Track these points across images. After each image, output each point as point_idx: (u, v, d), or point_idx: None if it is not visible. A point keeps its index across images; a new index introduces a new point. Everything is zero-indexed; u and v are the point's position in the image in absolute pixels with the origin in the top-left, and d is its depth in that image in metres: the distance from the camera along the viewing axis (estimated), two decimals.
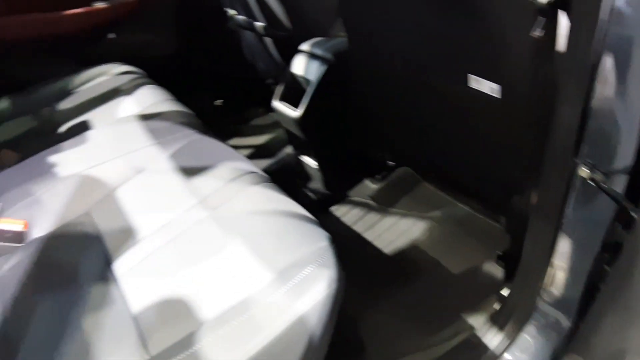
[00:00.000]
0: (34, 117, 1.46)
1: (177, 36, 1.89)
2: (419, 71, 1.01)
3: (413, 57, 1.01)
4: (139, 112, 1.26)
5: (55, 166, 1.08)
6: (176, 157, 1.05)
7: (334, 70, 1.28)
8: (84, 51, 1.74)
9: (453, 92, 0.94)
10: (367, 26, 1.09)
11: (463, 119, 0.98)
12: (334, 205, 1.45)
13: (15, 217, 0.97)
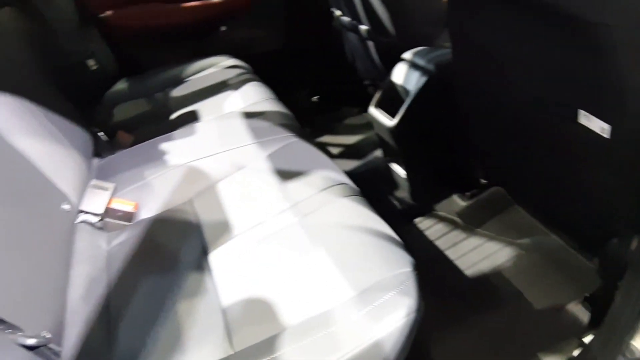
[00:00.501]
0: (148, 101, 1.60)
1: (284, 33, 1.96)
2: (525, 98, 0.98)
3: (520, 83, 0.98)
4: (243, 109, 1.34)
5: (166, 154, 1.18)
6: (273, 158, 1.11)
7: (434, 83, 1.26)
8: (197, 42, 1.86)
9: (559, 124, 0.90)
10: (475, 43, 1.07)
11: (566, 153, 0.94)
12: (419, 217, 1.45)
13: (127, 198, 1.08)
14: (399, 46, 1.49)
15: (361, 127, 1.96)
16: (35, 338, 0.63)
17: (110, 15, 1.68)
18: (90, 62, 1.60)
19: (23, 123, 0.95)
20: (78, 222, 1.01)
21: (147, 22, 1.75)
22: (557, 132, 0.93)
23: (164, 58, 1.79)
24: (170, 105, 1.52)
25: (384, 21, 1.52)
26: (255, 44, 1.95)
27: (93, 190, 1.06)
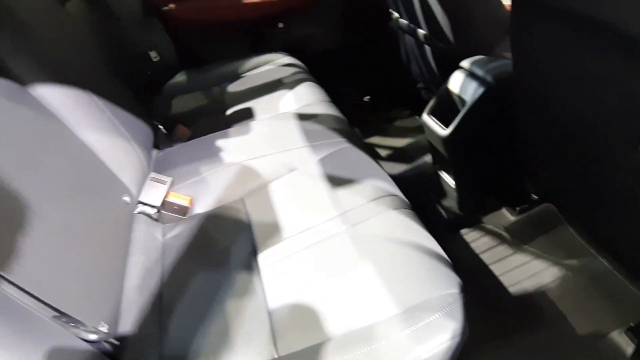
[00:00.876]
0: (205, 94, 1.65)
1: (340, 32, 1.97)
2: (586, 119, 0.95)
3: (583, 103, 0.95)
4: (297, 110, 1.36)
5: (221, 151, 1.21)
6: (325, 162, 1.12)
7: (492, 95, 1.24)
8: (255, 37, 1.89)
9: (620, 149, 0.87)
10: (537, 57, 1.04)
11: (623, 178, 0.91)
12: (465, 228, 1.43)
13: (183, 193, 1.13)
14: (457, 53, 1.47)
15: (412, 130, 1.95)
16: (95, 333, 0.67)
17: (173, 8, 1.73)
18: (153, 53, 1.66)
19: (90, 117, 1.00)
20: (136, 212, 1.07)
21: (207, 16, 1.79)
22: (616, 156, 0.90)
23: (221, 52, 1.83)
24: (226, 100, 1.56)
25: (443, 27, 1.50)
26: (311, 41, 1.97)
27: (152, 182, 1.11)
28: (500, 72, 1.25)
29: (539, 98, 1.11)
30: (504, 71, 1.24)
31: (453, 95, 1.34)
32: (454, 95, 1.34)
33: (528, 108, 1.17)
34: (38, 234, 0.70)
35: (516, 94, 1.19)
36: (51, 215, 0.76)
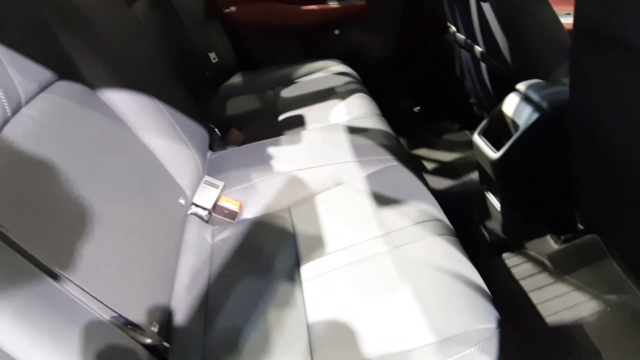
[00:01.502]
0: (259, 97, 1.70)
1: (395, 41, 1.97)
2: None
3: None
4: (347, 122, 1.38)
5: (272, 159, 1.26)
6: (372, 179, 1.14)
7: (546, 122, 1.22)
8: (310, 42, 1.93)
9: None
10: (597, 87, 1.02)
11: None
12: (507, 252, 1.42)
13: (233, 197, 1.18)
14: (514, 74, 1.45)
15: (460, 145, 1.94)
16: (150, 337, 0.72)
17: (234, 11, 1.79)
18: (212, 55, 1.72)
19: (153, 121, 1.06)
20: (189, 213, 1.12)
21: (267, 20, 1.84)
22: None
23: (277, 55, 1.88)
24: (279, 105, 1.60)
25: (501, 47, 1.48)
26: (365, 49, 1.98)
27: (205, 185, 1.17)
28: (556, 99, 1.23)
29: (593, 130, 1.09)
30: (560, 98, 1.22)
31: (506, 118, 1.33)
32: (507, 118, 1.32)
33: (582, 138, 1.15)
34: (100, 234, 0.76)
35: (570, 123, 1.17)
36: (113, 217, 0.82)
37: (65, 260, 0.68)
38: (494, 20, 1.43)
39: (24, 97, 0.75)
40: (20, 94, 0.74)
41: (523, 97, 1.31)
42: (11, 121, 0.71)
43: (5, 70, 0.72)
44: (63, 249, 0.69)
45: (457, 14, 1.68)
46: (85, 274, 0.69)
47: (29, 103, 0.76)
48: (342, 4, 1.84)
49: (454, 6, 1.67)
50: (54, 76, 0.85)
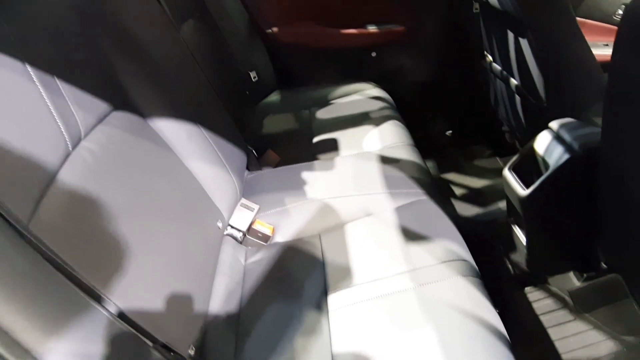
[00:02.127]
0: (295, 117, 1.75)
1: (432, 65, 2.00)
2: None
3: None
4: (380, 150, 1.42)
5: (305, 184, 1.31)
6: (401, 212, 1.18)
7: (576, 163, 1.23)
8: (348, 63, 1.98)
9: None
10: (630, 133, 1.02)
11: None
12: (530, 286, 1.44)
13: (267, 221, 1.23)
14: (547, 111, 1.47)
15: (490, 172, 1.95)
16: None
17: (276, 31, 1.85)
18: (252, 74, 1.78)
19: (198, 147, 1.13)
20: (225, 234, 1.18)
21: (307, 41, 1.90)
22: None
23: (315, 75, 1.94)
24: (314, 126, 1.65)
25: (537, 82, 1.50)
26: (401, 72, 2.02)
27: (241, 208, 1.23)
28: (588, 141, 1.24)
29: (622, 175, 1.11)
30: (592, 140, 1.23)
31: (537, 155, 1.35)
32: (538, 156, 1.34)
33: (611, 182, 1.16)
34: (143, 259, 0.82)
35: (600, 166, 1.18)
36: (157, 242, 0.88)
37: (110, 285, 0.73)
38: (531, 57, 1.45)
39: (83, 131, 0.82)
40: (81, 128, 0.81)
41: (555, 135, 1.32)
42: (72, 155, 0.77)
43: (68, 107, 0.79)
44: (108, 274, 0.75)
45: (494, 44, 1.70)
46: (128, 298, 0.75)
47: (87, 136, 0.83)
48: (380, 29, 1.88)
49: (492, 37, 1.70)
50: (109, 107, 0.92)
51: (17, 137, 0.66)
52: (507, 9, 1.45)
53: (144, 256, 0.83)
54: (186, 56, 1.32)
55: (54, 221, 0.67)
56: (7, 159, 0.63)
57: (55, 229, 0.67)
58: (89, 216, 0.75)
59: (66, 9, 0.89)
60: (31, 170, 0.67)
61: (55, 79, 0.77)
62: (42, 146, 0.70)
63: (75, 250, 0.69)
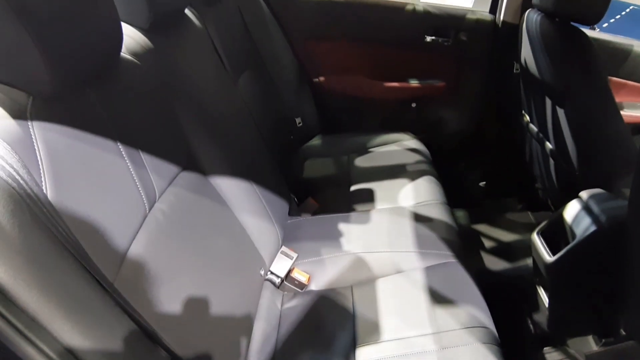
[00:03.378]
0: (335, 162, 1.86)
1: (470, 119, 2.08)
2: None
3: None
4: (414, 207, 1.51)
5: (341, 236, 1.40)
6: (430, 273, 1.26)
7: (602, 236, 1.27)
8: (387, 112, 2.08)
9: None
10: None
11: None
12: (549, 346, 1.48)
13: (303, 269, 1.33)
14: (579, 178, 1.52)
15: (521, 226, 2.00)
16: None
17: (323, 80, 1.97)
18: (298, 119, 1.90)
19: (248, 201, 1.24)
20: (265, 279, 1.29)
21: (351, 91, 2.01)
22: None
23: (356, 122, 2.04)
24: (352, 174, 1.75)
25: (570, 151, 1.55)
26: (439, 123, 2.10)
27: (281, 255, 1.33)
28: (615, 215, 1.28)
29: None
30: (619, 214, 1.27)
31: (565, 223, 1.40)
32: (566, 224, 1.40)
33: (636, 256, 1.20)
34: (198, 307, 0.93)
35: (627, 239, 1.22)
36: (209, 291, 0.99)
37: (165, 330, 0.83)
38: (567, 126, 1.50)
39: (158, 194, 0.94)
40: (156, 192, 0.93)
41: (584, 205, 1.37)
42: (148, 217, 0.89)
43: (148, 175, 0.91)
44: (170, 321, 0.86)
45: (532, 106, 1.76)
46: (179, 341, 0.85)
47: (160, 198, 0.95)
48: (422, 84, 1.98)
49: (531, 98, 1.76)
50: (178, 169, 1.04)
51: (108, 206, 0.78)
52: (546, 79, 1.52)
53: (199, 305, 0.94)
54: (243, 111, 1.44)
55: (132, 278, 0.79)
56: (99, 226, 0.75)
57: (134, 285, 0.79)
58: (159, 272, 0.86)
59: (150, 81, 1.01)
60: (117, 234, 0.79)
61: (140, 152, 0.89)
62: (127, 212, 0.83)
63: (146, 303, 0.81)
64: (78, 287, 0.65)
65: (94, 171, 0.77)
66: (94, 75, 0.83)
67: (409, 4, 1.88)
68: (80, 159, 0.75)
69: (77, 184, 0.72)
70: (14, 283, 0.57)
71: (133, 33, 1.04)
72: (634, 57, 1.91)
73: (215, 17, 1.44)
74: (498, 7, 1.88)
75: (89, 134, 0.77)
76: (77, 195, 0.71)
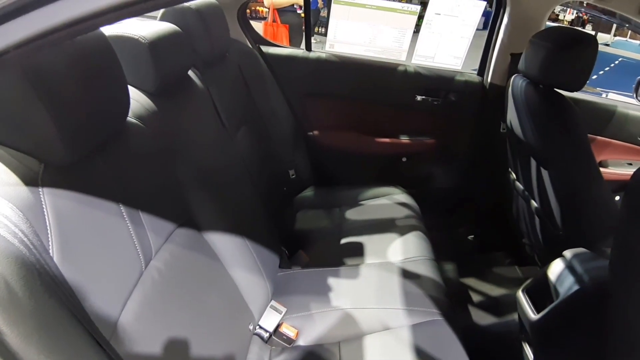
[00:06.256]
0: (326, 214, 1.89)
1: (459, 175, 2.14)
2: None
3: None
4: (403, 263, 1.54)
5: (331, 291, 1.43)
6: (417, 330, 1.28)
7: (585, 296, 1.30)
8: (378, 166, 2.14)
9: None
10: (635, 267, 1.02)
11: None
12: None
13: (292, 323, 1.34)
14: (564, 237, 1.56)
15: (508, 281, 2.03)
16: None
17: (317, 134, 2.04)
18: (291, 172, 1.95)
19: (240, 257, 1.26)
20: (254, 333, 1.30)
21: (343, 145, 2.08)
22: None
23: (347, 175, 2.09)
24: (343, 227, 1.79)
25: (554, 211, 1.60)
26: (428, 178, 2.16)
27: (270, 310, 1.35)
28: (597, 275, 1.31)
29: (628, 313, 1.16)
30: (602, 274, 1.31)
31: (550, 282, 1.43)
32: (550, 283, 1.43)
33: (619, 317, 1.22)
34: None
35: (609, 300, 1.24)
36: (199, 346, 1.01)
37: None
38: (551, 188, 1.56)
39: (154, 251, 0.97)
40: (153, 249, 0.96)
41: (568, 264, 1.41)
42: (144, 274, 0.92)
43: (146, 234, 0.95)
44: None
45: (518, 165, 1.82)
46: None
47: (156, 255, 0.98)
48: (412, 140, 2.05)
49: (517, 158, 1.82)
50: (174, 225, 1.07)
51: (108, 266, 0.81)
52: (531, 141, 1.59)
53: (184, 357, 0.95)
54: (239, 165, 1.49)
55: (126, 336, 0.81)
56: (98, 286, 0.77)
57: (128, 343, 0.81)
58: (152, 330, 0.88)
59: (153, 144, 1.05)
60: (115, 294, 0.81)
61: (139, 212, 0.93)
62: (125, 271, 0.86)
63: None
64: (81, 350, 0.67)
65: (96, 234, 0.80)
66: (103, 142, 0.88)
67: (401, 65, 1.98)
68: (85, 223, 0.78)
69: (80, 247, 0.75)
70: (25, 348, 0.59)
71: (139, 96, 1.09)
72: (617, 117, 1.99)
73: (217, 76, 1.51)
74: (486, 69, 1.98)
75: (94, 198, 0.81)
76: (80, 258, 0.74)
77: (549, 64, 1.38)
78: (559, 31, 1.46)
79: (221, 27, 1.54)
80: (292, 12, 4.25)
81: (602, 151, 2.05)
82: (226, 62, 1.62)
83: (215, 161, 1.30)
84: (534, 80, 1.52)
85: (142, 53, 1.06)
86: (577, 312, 1.33)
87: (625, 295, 1.10)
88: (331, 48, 1.96)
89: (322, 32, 6.93)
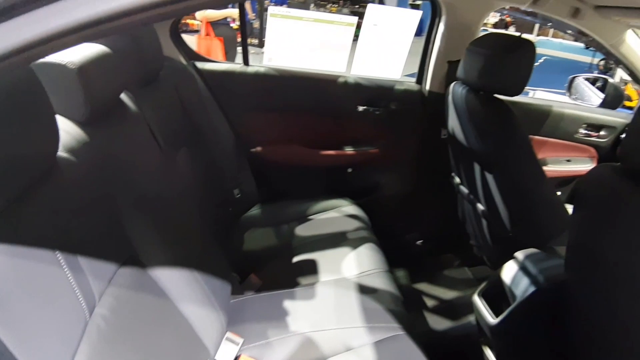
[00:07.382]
0: (275, 232, 1.83)
1: (404, 182, 2.15)
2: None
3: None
4: (358, 277, 1.51)
5: (288, 315, 1.37)
6: (379, 348, 1.25)
7: (542, 296, 1.31)
8: (324, 179, 2.11)
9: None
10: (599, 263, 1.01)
11: None
12: None
13: (250, 353, 1.27)
14: (512, 239, 1.59)
15: (460, 282, 2.06)
16: None
17: (260, 150, 1.98)
18: (236, 191, 1.88)
19: (189, 290, 1.17)
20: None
21: (288, 160, 2.03)
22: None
23: (294, 190, 2.04)
24: (294, 244, 1.73)
25: (502, 213, 1.63)
26: (375, 187, 2.16)
27: (226, 342, 1.27)
28: (552, 275, 1.32)
29: (592, 308, 1.16)
30: (556, 273, 1.32)
31: (505, 284, 1.45)
32: (505, 286, 1.44)
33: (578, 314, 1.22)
34: None
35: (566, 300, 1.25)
36: None
37: None
38: (497, 191, 1.58)
39: (97, 297, 0.87)
40: (96, 297, 0.87)
41: (521, 266, 1.43)
42: (89, 324, 0.82)
43: (87, 281, 0.85)
44: None
45: (461, 170, 1.85)
46: None
47: (99, 301, 0.88)
48: (357, 151, 2.04)
49: (460, 163, 1.85)
50: (116, 266, 0.98)
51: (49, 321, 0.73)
52: (474, 147, 1.61)
53: None
54: (182, 190, 1.40)
55: None
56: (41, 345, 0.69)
57: None
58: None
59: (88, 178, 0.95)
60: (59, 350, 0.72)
61: (78, 258, 0.83)
62: (68, 324, 0.77)
63: None
64: None
65: (34, 288, 0.72)
66: (32, 184, 0.78)
67: (341, 76, 1.96)
68: (19, 278, 0.69)
69: (18, 305, 0.67)
70: None
71: (69, 127, 0.98)
72: (553, 117, 2.07)
73: (151, 97, 1.42)
74: (424, 78, 2.00)
75: (27, 249, 0.72)
76: (17, 320, 0.66)
77: (488, 71, 1.41)
78: (496, 38, 1.49)
79: (153, 45, 1.45)
80: (224, 24, 4.16)
81: (540, 150, 2.12)
82: (160, 82, 1.53)
83: (155, 187, 1.21)
84: (474, 87, 1.54)
85: (70, 80, 0.96)
86: (536, 312, 1.33)
87: (583, 291, 1.12)
88: (269, 62, 1.91)
89: (255, 44, 6.90)
